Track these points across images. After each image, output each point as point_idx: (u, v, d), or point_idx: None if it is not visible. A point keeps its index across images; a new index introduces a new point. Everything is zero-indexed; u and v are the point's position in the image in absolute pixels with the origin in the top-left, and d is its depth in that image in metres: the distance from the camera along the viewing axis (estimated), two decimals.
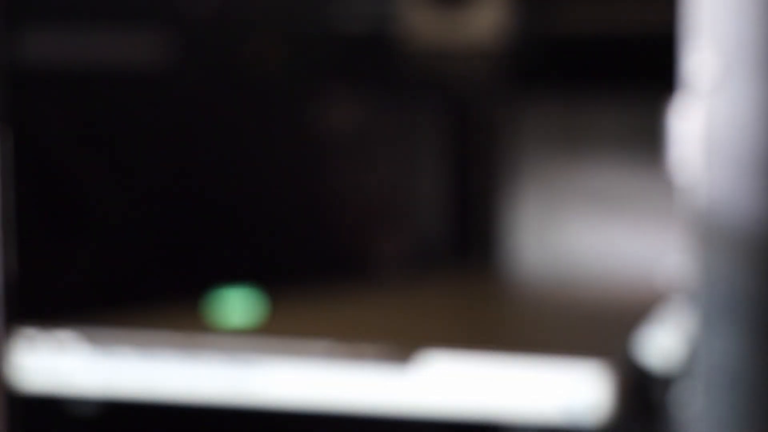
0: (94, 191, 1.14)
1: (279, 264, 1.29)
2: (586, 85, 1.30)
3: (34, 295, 1.03)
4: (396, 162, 1.28)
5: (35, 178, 1.09)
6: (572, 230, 1.22)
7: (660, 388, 0.84)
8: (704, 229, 0.73)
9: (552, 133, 1.23)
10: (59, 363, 0.89)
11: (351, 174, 1.30)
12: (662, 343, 0.87)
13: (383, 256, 1.30)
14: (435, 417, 1.24)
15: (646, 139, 1.19)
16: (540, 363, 0.80)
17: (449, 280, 1.18)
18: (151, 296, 1.12)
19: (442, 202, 1.26)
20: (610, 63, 1.31)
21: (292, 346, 0.86)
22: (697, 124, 0.73)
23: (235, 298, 1.02)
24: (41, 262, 1.06)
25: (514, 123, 1.23)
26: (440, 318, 0.97)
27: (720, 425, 0.73)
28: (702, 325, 0.74)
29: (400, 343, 0.87)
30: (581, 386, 0.79)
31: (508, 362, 0.81)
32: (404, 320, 0.96)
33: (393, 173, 1.29)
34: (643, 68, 1.27)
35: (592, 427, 1.17)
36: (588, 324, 0.94)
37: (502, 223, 1.24)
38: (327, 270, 1.25)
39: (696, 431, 0.74)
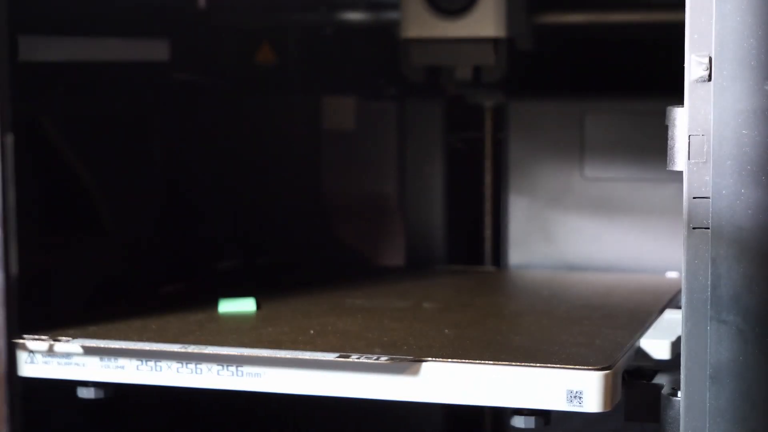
0: (100, 195, 1.14)
1: (279, 267, 1.29)
2: (585, 85, 1.30)
3: (38, 297, 1.03)
4: (394, 162, 1.28)
5: (40, 181, 1.09)
6: (572, 229, 1.22)
7: (660, 387, 0.84)
8: (702, 228, 0.73)
9: (552, 133, 1.22)
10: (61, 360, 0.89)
11: (349, 173, 1.30)
12: (663, 343, 0.87)
13: (382, 257, 1.30)
14: (433, 418, 1.24)
15: (644, 140, 1.19)
16: (539, 364, 0.80)
17: (448, 280, 1.18)
18: (152, 296, 1.12)
19: (441, 202, 1.26)
20: (608, 64, 1.31)
21: (290, 351, 0.86)
22: (694, 123, 0.73)
23: (235, 300, 1.02)
24: (46, 264, 1.06)
25: (514, 123, 1.23)
26: (440, 321, 0.97)
27: (721, 423, 0.73)
28: (702, 324, 0.73)
29: (399, 348, 0.87)
30: (581, 387, 0.79)
31: (508, 366, 0.81)
32: (403, 324, 0.96)
33: (391, 173, 1.29)
34: (644, 69, 1.27)
35: (592, 427, 1.17)
36: (589, 325, 0.94)
37: (502, 223, 1.24)
38: (328, 270, 1.25)
39: (697, 430, 0.74)
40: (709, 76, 0.72)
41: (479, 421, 1.26)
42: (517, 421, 0.82)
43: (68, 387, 0.91)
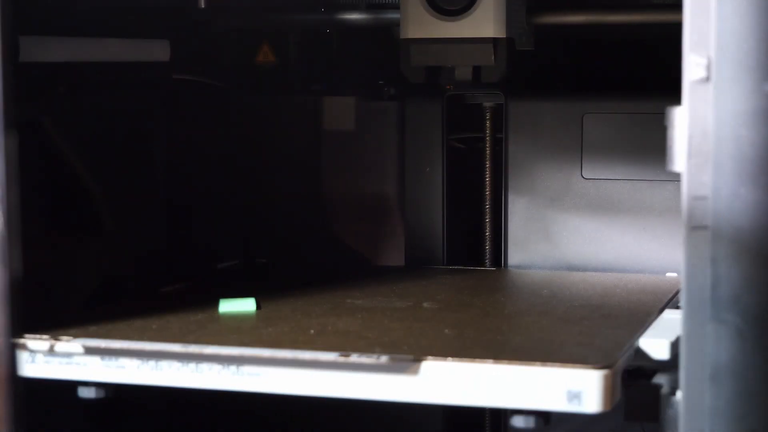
0: (100, 195, 1.14)
1: (279, 267, 1.29)
2: (585, 86, 1.31)
3: (38, 297, 1.03)
4: (394, 162, 1.28)
5: (40, 181, 1.09)
6: (572, 229, 1.22)
7: (660, 387, 0.84)
8: (702, 228, 0.73)
9: (552, 133, 1.23)
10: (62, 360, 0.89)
11: (349, 173, 1.30)
12: (662, 343, 0.87)
13: (382, 257, 1.30)
14: (433, 418, 1.24)
15: (643, 140, 1.19)
16: (540, 365, 0.80)
17: (448, 280, 1.18)
18: (153, 296, 1.12)
19: (441, 202, 1.26)
20: (607, 64, 1.31)
21: (291, 351, 0.86)
22: (693, 124, 0.73)
23: (235, 300, 1.02)
24: (46, 264, 1.06)
25: (513, 123, 1.23)
26: (440, 321, 0.97)
27: (721, 423, 0.73)
28: (702, 324, 0.74)
29: (399, 348, 0.87)
30: (582, 388, 0.79)
31: (508, 365, 0.81)
32: (403, 324, 0.96)
33: (391, 173, 1.29)
34: (644, 69, 1.28)
35: (592, 427, 1.17)
36: (588, 324, 0.94)
37: (501, 223, 1.24)
38: (329, 272, 1.25)
39: (696, 430, 0.74)
40: (708, 76, 0.72)
41: (479, 421, 1.26)
42: (517, 421, 0.82)
43: (69, 387, 0.91)
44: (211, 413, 1.26)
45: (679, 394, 0.76)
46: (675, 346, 0.86)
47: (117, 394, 0.91)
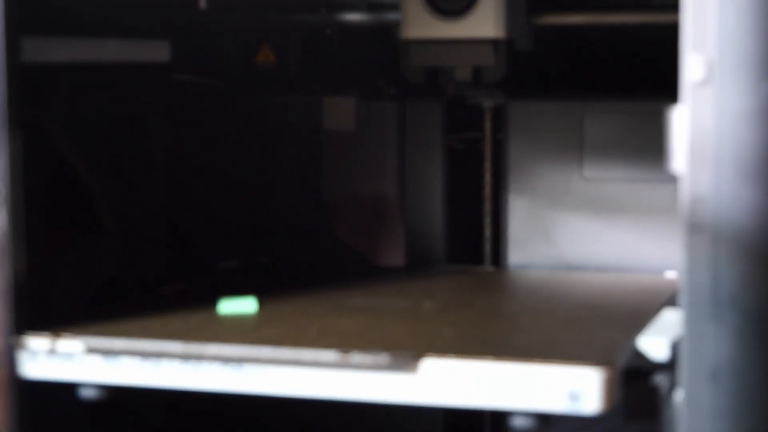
0: (101, 195, 1.14)
1: (279, 267, 1.29)
2: (585, 86, 1.31)
3: (39, 297, 1.03)
4: (395, 162, 1.29)
5: (42, 181, 1.09)
6: (572, 229, 1.22)
7: (659, 387, 0.84)
8: (702, 228, 0.73)
9: (552, 133, 1.23)
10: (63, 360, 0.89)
11: (349, 173, 1.30)
12: (661, 342, 0.87)
13: (382, 257, 1.30)
14: (433, 418, 1.24)
15: (643, 140, 1.19)
16: (539, 364, 0.80)
17: (448, 280, 1.18)
18: (153, 297, 1.12)
19: (441, 202, 1.26)
20: (607, 64, 1.31)
21: (291, 350, 0.86)
22: (693, 124, 0.73)
23: (235, 300, 1.02)
24: (47, 263, 1.06)
25: (513, 123, 1.23)
26: (440, 321, 0.97)
27: (721, 423, 0.73)
28: (702, 324, 0.74)
29: (399, 348, 0.88)
30: (581, 387, 0.79)
31: (507, 364, 0.81)
32: (403, 324, 0.96)
33: (391, 173, 1.29)
34: (644, 69, 1.28)
35: (592, 427, 1.17)
36: (588, 324, 0.94)
37: (501, 223, 1.25)
38: (329, 272, 1.25)
39: (696, 430, 0.74)
40: (708, 76, 0.72)
41: (479, 421, 1.26)
42: (517, 421, 0.82)
43: (69, 386, 0.91)
44: (212, 412, 1.26)
45: (678, 394, 0.76)
46: (674, 346, 0.87)
47: (117, 394, 0.91)
